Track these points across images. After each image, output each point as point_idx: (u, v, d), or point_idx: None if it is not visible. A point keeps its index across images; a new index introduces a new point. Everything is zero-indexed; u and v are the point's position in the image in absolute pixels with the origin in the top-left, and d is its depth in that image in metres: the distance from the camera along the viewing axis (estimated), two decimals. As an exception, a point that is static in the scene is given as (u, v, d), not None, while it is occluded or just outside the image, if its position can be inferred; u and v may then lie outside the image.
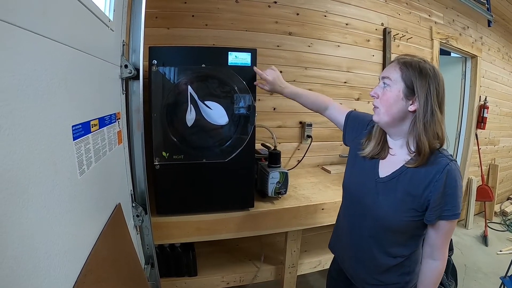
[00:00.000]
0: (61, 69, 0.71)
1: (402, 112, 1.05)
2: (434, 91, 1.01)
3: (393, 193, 1.10)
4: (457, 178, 1.02)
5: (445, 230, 1.06)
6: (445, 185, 1.00)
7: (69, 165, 0.75)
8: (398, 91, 1.05)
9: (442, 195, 1.01)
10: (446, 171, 1.00)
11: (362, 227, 1.21)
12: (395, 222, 1.10)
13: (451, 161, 1.02)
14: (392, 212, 1.10)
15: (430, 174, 1.02)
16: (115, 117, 1.19)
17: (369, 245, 1.19)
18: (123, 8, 1.31)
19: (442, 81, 1.04)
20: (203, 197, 1.66)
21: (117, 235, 1.10)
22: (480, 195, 4.22)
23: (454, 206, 1.02)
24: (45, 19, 0.63)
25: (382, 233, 1.15)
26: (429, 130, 1.01)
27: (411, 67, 1.03)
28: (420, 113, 1.02)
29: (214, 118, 1.56)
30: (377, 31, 2.87)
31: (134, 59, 1.35)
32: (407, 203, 1.06)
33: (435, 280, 1.13)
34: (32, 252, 0.56)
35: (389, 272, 1.18)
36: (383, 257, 1.17)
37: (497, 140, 4.60)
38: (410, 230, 1.11)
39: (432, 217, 1.04)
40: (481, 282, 2.93)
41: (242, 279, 2.03)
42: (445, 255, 1.10)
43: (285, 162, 2.62)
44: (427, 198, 1.03)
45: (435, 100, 1.01)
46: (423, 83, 1.01)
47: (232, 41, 2.31)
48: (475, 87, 3.92)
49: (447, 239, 1.08)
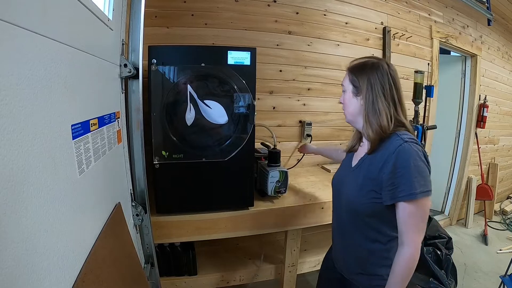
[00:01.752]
0: (61, 69, 0.71)
1: (357, 108, 1.19)
2: (376, 83, 1.13)
3: (357, 179, 1.19)
4: (411, 158, 1.04)
5: (407, 213, 1.06)
6: (395, 165, 1.05)
7: (68, 164, 0.75)
8: (350, 92, 1.20)
9: (393, 175, 1.05)
10: (397, 152, 1.05)
11: (342, 215, 1.28)
12: (360, 205, 1.16)
13: (405, 142, 1.06)
14: (356, 195, 1.17)
15: (384, 156, 1.09)
16: (114, 116, 1.19)
17: (350, 232, 1.26)
18: (122, 7, 1.31)
19: (387, 72, 1.14)
20: (203, 196, 1.67)
21: (117, 234, 1.10)
22: (480, 194, 4.21)
23: (408, 186, 1.03)
24: (44, 19, 0.63)
25: (356, 218, 1.21)
26: (372, 120, 1.12)
27: (355, 69, 1.19)
28: (364, 105, 1.15)
29: (213, 117, 1.57)
30: (377, 30, 2.87)
31: (134, 58, 1.35)
32: (367, 186, 1.13)
33: (403, 267, 1.08)
34: (31, 252, 0.56)
35: (372, 262, 1.21)
36: (362, 242, 1.21)
37: (497, 139, 4.60)
38: (376, 213, 1.14)
39: (386, 197, 1.08)
40: (481, 281, 2.93)
41: (242, 278, 2.04)
42: (413, 241, 1.07)
43: (285, 161, 2.61)
44: (381, 179, 1.08)
45: (379, 91, 1.12)
46: (363, 78, 1.15)
47: (231, 40, 2.31)
48: (475, 86, 3.91)
49: (413, 223, 1.07)
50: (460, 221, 4.33)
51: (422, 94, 2.25)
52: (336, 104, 2.75)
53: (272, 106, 2.51)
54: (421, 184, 1.03)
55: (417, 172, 1.03)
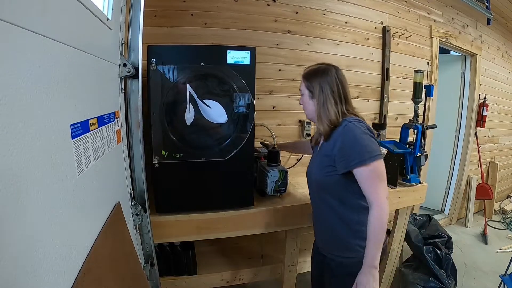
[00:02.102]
0: (60, 68, 0.71)
1: (314, 109, 1.40)
2: (326, 87, 1.36)
3: (317, 160, 1.44)
4: (354, 132, 1.26)
5: (363, 177, 1.25)
6: (343, 140, 1.27)
7: (67, 164, 0.75)
8: (306, 96, 1.42)
9: (342, 148, 1.27)
10: (343, 130, 1.28)
11: (315, 197, 1.51)
12: (321, 179, 1.38)
13: (350, 122, 1.28)
14: (317, 172, 1.41)
15: (334, 137, 1.31)
16: (114, 116, 1.19)
17: (322, 210, 1.45)
18: (121, 7, 1.31)
19: (335, 76, 1.37)
20: (203, 195, 1.67)
21: (116, 234, 1.10)
22: (479, 193, 4.22)
23: (357, 154, 1.23)
24: (44, 18, 0.63)
25: (322, 193, 1.41)
26: (323, 118, 1.35)
27: (308, 75, 1.42)
28: (316, 105, 1.38)
29: (213, 117, 1.56)
30: (377, 29, 2.87)
31: (133, 58, 1.35)
32: (325, 162, 1.36)
33: (374, 225, 1.23)
34: (31, 251, 0.56)
35: (342, 232, 1.38)
36: (329, 213, 1.40)
37: (497, 138, 4.61)
38: (337, 184, 1.34)
39: (340, 167, 1.28)
40: (480, 280, 2.93)
41: (242, 278, 2.04)
42: (378, 200, 1.23)
43: (285, 161, 2.61)
44: (335, 155, 1.30)
45: (328, 94, 1.35)
46: (315, 82, 1.38)
47: (231, 40, 2.30)
48: (475, 85, 3.91)
49: (371, 184, 1.24)
50: (460, 220, 4.33)
51: (421, 93, 2.25)
52: (335, 103, 2.75)
53: (271, 106, 2.51)
54: (369, 151, 1.23)
55: (362, 142, 1.25)
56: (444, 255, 2.56)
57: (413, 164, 2.20)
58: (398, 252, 2.48)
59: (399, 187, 2.14)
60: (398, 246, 2.43)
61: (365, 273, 1.24)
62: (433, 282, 2.45)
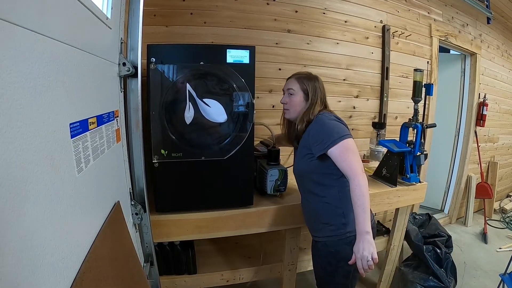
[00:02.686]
0: (59, 67, 0.71)
1: (300, 110, 1.59)
2: (318, 92, 1.58)
3: (298, 153, 1.62)
4: (324, 120, 1.48)
5: (337, 155, 1.39)
6: (315, 129, 1.49)
7: (67, 163, 0.74)
8: (300, 96, 1.59)
9: (315, 135, 1.47)
10: (315, 122, 1.51)
11: (299, 187, 1.69)
12: (302, 166, 1.57)
13: (319, 114, 1.53)
14: (299, 162, 1.60)
15: (308, 129, 1.53)
16: (113, 115, 1.18)
17: (304, 195, 1.66)
18: (121, 6, 1.30)
19: (321, 83, 1.62)
20: (202, 195, 1.66)
21: (116, 233, 1.10)
22: (479, 192, 4.22)
23: (328, 137, 1.41)
24: (42, 17, 0.63)
25: (304, 180, 1.61)
26: (304, 117, 1.56)
27: (304, 78, 1.59)
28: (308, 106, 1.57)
29: (212, 116, 1.56)
30: (376, 28, 2.87)
31: (132, 57, 1.35)
32: (304, 151, 1.54)
33: (355, 196, 1.34)
34: (30, 251, 0.55)
35: (325, 214, 1.53)
36: (313, 199, 1.58)
37: (497, 138, 4.60)
38: (316, 168, 1.51)
39: (315, 151, 1.45)
40: (480, 279, 2.93)
41: (242, 277, 2.04)
42: (353, 170, 1.36)
43: (284, 160, 2.61)
44: (310, 143, 1.48)
45: (318, 97, 1.58)
46: (311, 86, 1.57)
47: (230, 39, 2.30)
48: (474, 84, 3.91)
49: (346, 159, 1.38)
50: (460, 219, 4.34)
51: (421, 92, 2.25)
52: (335, 102, 2.75)
53: (271, 105, 2.51)
54: (337, 132, 1.41)
55: (331, 126, 1.44)
56: (444, 254, 2.56)
57: (412, 163, 2.20)
58: (398, 251, 2.48)
59: (398, 186, 2.14)
60: (398, 245, 2.44)
61: (360, 241, 1.32)
62: (433, 281, 2.45)
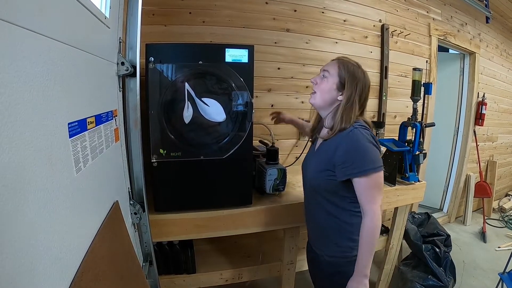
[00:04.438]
0: (57, 66, 0.71)
1: (332, 99, 1.34)
2: (359, 91, 1.31)
3: (316, 160, 1.40)
4: (360, 140, 1.23)
5: (362, 187, 1.24)
6: (347, 146, 1.24)
7: (65, 163, 0.74)
8: (333, 83, 1.33)
9: (345, 155, 1.24)
10: (348, 136, 1.25)
11: (307, 195, 1.51)
12: (317, 181, 1.37)
13: (355, 128, 1.26)
14: (314, 173, 1.39)
15: (338, 140, 1.28)
16: (112, 114, 1.18)
17: (314, 209, 1.46)
18: (119, 5, 1.30)
19: (368, 85, 1.36)
20: (201, 194, 1.66)
21: (115, 233, 1.10)
22: (478, 191, 4.23)
23: (359, 163, 1.22)
24: (41, 17, 0.63)
25: (317, 195, 1.40)
26: (345, 116, 1.29)
27: (347, 68, 1.33)
28: (343, 103, 1.30)
29: (211, 115, 1.56)
30: (375, 28, 2.87)
31: (131, 56, 1.35)
32: (323, 165, 1.33)
33: (367, 234, 1.24)
34: (29, 250, 0.55)
35: (333, 234, 1.39)
36: (326, 218, 1.39)
37: (495, 137, 4.61)
38: (332, 189, 1.33)
39: (340, 174, 1.26)
40: (479, 278, 2.94)
41: (241, 276, 2.04)
42: (372, 211, 1.23)
43: (283, 159, 2.61)
44: (335, 160, 1.27)
45: (357, 97, 1.30)
46: (352, 83, 1.30)
47: (229, 38, 2.30)
48: (473, 83, 3.92)
49: (368, 195, 1.24)
50: (459, 218, 4.35)
51: (420, 91, 2.25)
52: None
53: (270, 104, 2.51)
54: (371, 161, 1.22)
55: (366, 151, 1.23)
56: (443, 253, 2.57)
57: (411, 162, 2.20)
58: (397, 250, 2.49)
59: (397, 185, 2.15)
60: (397, 244, 2.44)
61: (356, 281, 1.27)
62: (432, 280, 2.45)
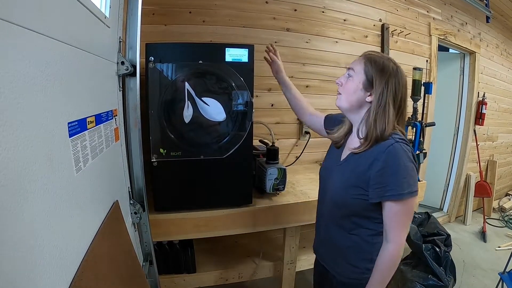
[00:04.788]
0: (57, 66, 0.71)
1: (360, 101, 1.16)
2: (391, 89, 1.10)
3: (344, 173, 1.20)
4: (400, 158, 1.04)
5: (393, 212, 1.08)
6: (385, 164, 1.05)
7: (65, 162, 0.74)
8: (358, 82, 1.15)
9: (382, 174, 1.05)
10: (388, 151, 1.05)
11: (326, 208, 1.29)
12: (343, 199, 1.17)
13: (397, 142, 1.06)
14: (341, 190, 1.18)
15: (373, 154, 1.09)
16: (112, 114, 1.18)
17: (333, 225, 1.27)
18: (119, 4, 1.30)
19: (404, 81, 1.13)
20: (201, 193, 1.66)
21: (114, 233, 1.10)
22: (478, 191, 4.22)
23: (396, 186, 1.04)
24: (41, 16, 0.63)
25: (339, 212, 1.22)
26: (378, 123, 1.10)
27: (375, 63, 1.13)
28: (374, 106, 1.11)
29: (211, 115, 1.56)
30: (375, 27, 2.86)
31: (131, 56, 1.34)
32: (352, 181, 1.14)
33: (386, 262, 1.12)
34: (28, 250, 0.55)
35: (351, 252, 1.22)
36: (344, 236, 1.22)
37: (496, 136, 4.61)
38: (360, 209, 1.15)
39: (373, 195, 1.08)
40: (479, 278, 2.94)
41: (241, 276, 2.04)
42: (398, 238, 1.10)
43: (283, 159, 2.61)
44: (369, 177, 1.08)
45: (391, 97, 1.10)
46: (382, 79, 1.10)
47: (229, 38, 2.30)
48: (474, 83, 3.92)
49: (398, 221, 1.09)
50: (459, 218, 4.34)
51: (420, 91, 2.25)
52: (334, 101, 2.74)
53: (270, 104, 2.51)
54: (409, 185, 1.05)
55: (406, 173, 1.05)
56: (443, 253, 2.57)
57: (412, 162, 2.19)
58: (397, 250, 2.48)
59: (398, 185, 2.14)
60: (397, 243, 2.43)
61: None
62: (432, 280, 2.45)
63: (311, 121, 1.57)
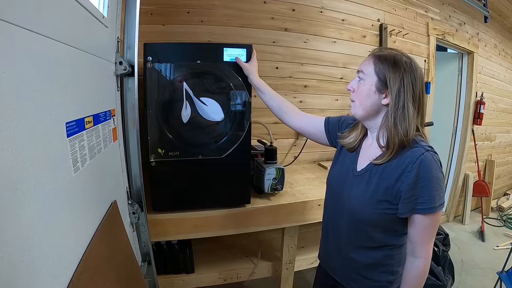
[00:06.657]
0: (55, 66, 0.71)
1: (376, 105, 1.05)
2: (408, 85, 0.99)
3: (366, 186, 1.08)
4: (433, 169, 0.97)
5: (423, 226, 1.01)
6: (417, 176, 0.96)
7: (63, 162, 0.74)
8: (370, 84, 1.05)
9: (414, 186, 0.97)
10: (419, 161, 0.96)
11: (341, 220, 1.19)
12: (367, 215, 1.07)
13: (427, 151, 0.98)
14: (363, 205, 1.08)
15: (403, 164, 0.99)
16: (110, 114, 1.18)
17: (349, 239, 1.17)
18: (117, 4, 1.30)
19: (420, 75, 1.02)
20: (199, 193, 1.66)
21: (113, 233, 1.10)
22: (476, 190, 4.24)
23: (428, 199, 0.97)
24: (38, 16, 0.63)
25: (358, 226, 1.12)
26: (399, 126, 1.00)
27: (385, 60, 1.03)
28: (392, 107, 1.01)
29: (209, 115, 1.56)
30: (373, 27, 2.87)
31: (129, 56, 1.34)
32: (379, 195, 1.04)
33: (417, 279, 1.06)
34: (26, 250, 0.55)
35: (370, 268, 1.15)
36: (363, 250, 1.14)
37: (494, 136, 4.62)
38: (385, 224, 1.07)
39: (404, 209, 1.00)
40: (478, 277, 2.95)
41: (239, 276, 2.04)
42: (428, 253, 1.04)
43: (282, 158, 2.62)
44: (399, 189, 1.00)
45: (409, 95, 1.00)
46: (396, 76, 1.00)
47: (227, 38, 2.30)
48: (472, 83, 3.93)
49: (428, 235, 1.03)
50: (457, 217, 4.35)
51: (418, 91, 2.25)
52: (333, 101, 2.76)
53: (269, 104, 2.50)
54: (440, 197, 0.98)
55: (437, 185, 0.98)
56: (442, 252, 2.57)
57: (410, 161, 2.20)
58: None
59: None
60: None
61: None
62: (431, 279, 2.45)
63: (306, 124, 1.45)
